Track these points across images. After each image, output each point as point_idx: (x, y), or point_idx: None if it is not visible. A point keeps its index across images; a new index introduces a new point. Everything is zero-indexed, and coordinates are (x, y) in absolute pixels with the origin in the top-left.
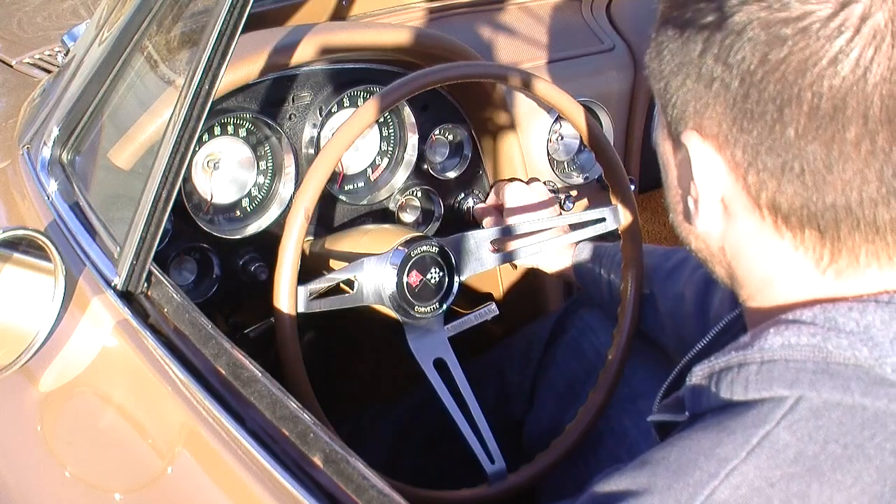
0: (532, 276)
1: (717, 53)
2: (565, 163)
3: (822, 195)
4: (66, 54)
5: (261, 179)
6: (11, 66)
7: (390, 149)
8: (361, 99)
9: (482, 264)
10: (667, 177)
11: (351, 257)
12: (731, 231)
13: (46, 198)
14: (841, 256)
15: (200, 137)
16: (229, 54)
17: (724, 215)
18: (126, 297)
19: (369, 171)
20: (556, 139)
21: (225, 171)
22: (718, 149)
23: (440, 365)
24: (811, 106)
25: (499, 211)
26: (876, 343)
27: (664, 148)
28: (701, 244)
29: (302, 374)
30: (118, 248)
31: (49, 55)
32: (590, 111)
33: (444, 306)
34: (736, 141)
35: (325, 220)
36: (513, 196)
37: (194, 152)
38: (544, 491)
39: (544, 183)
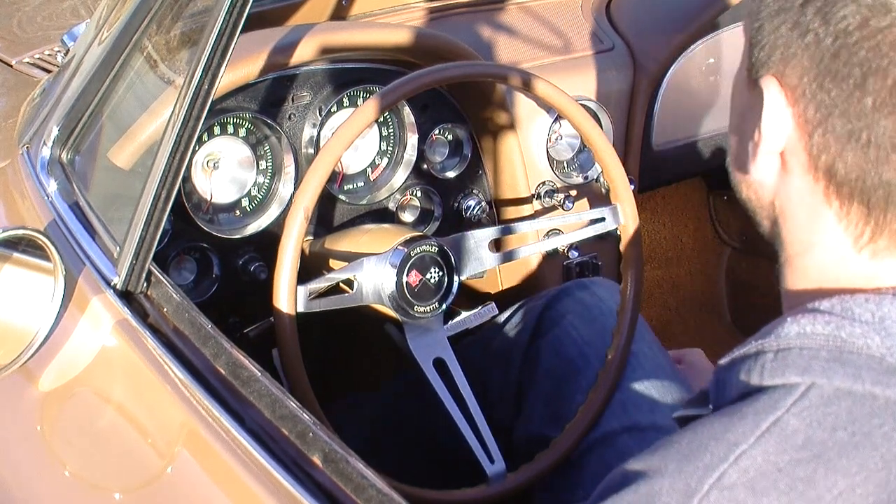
0: (532, 275)
1: (819, 6)
2: (565, 163)
3: (880, 171)
4: (66, 54)
5: (260, 179)
6: (11, 66)
7: (390, 148)
8: (361, 99)
9: (482, 264)
10: (734, 120)
11: (351, 257)
12: (784, 187)
13: (46, 197)
14: (882, 237)
15: (200, 137)
16: (229, 54)
17: (781, 170)
18: (125, 296)
19: (369, 170)
20: (556, 139)
21: (225, 170)
22: (793, 102)
23: (440, 364)
24: (895, 81)
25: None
26: (889, 333)
27: (738, 89)
28: (752, 194)
29: (301, 373)
30: (118, 248)
31: (49, 55)
32: (589, 111)
33: (444, 306)
34: (812, 97)
35: (325, 219)
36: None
37: (194, 152)
38: (543, 493)
39: (543, 183)
